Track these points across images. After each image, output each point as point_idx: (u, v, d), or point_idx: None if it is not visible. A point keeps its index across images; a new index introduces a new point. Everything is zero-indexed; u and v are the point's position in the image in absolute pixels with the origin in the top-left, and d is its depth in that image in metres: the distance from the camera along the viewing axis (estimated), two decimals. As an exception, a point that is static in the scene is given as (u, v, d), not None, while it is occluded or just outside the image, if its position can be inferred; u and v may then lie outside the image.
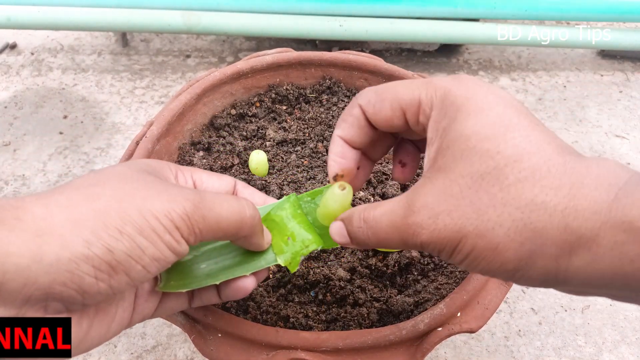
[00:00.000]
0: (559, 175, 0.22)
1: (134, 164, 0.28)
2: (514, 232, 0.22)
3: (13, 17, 0.86)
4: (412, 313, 0.38)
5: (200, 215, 0.26)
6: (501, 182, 0.23)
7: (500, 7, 0.87)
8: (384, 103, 0.28)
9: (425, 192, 0.25)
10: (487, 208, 0.23)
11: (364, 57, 0.57)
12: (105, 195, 0.24)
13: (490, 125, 0.24)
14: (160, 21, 0.87)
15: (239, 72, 0.55)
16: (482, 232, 0.23)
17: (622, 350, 0.57)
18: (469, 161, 0.24)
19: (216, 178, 0.34)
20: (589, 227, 0.21)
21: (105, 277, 0.23)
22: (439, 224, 0.24)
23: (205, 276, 0.31)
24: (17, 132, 0.83)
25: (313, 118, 0.55)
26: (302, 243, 0.33)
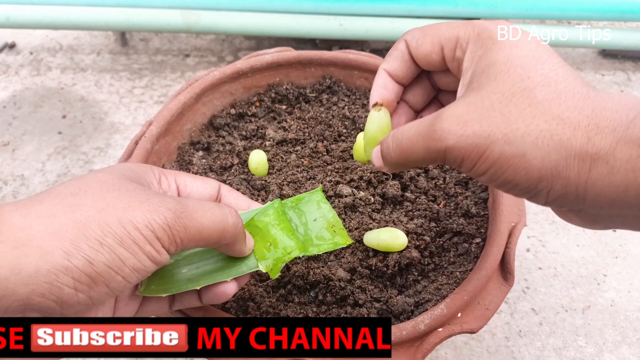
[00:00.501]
0: (583, 100, 0.24)
1: (117, 169, 0.28)
2: (542, 141, 0.24)
3: (12, 16, 0.86)
4: (413, 313, 0.38)
5: (182, 225, 0.26)
6: (530, 100, 0.25)
7: (501, 7, 0.87)
8: (426, 38, 0.30)
9: (456, 104, 0.26)
10: (516, 119, 0.24)
11: (364, 56, 0.56)
12: (86, 205, 0.24)
13: (523, 56, 0.26)
14: (160, 20, 0.87)
15: (238, 71, 0.54)
16: (510, 139, 0.24)
17: (623, 350, 0.56)
18: (501, 81, 0.25)
19: (200, 182, 0.34)
20: (608, 141, 0.23)
21: (84, 289, 0.23)
22: (467, 130, 0.25)
23: (186, 281, 0.31)
24: (16, 132, 0.82)
25: (313, 118, 0.55)
26: (284, 250, 0.33)
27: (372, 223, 0.45)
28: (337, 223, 0.36)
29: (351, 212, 0.46)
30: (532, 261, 0.65)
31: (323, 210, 0.37)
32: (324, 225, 0.36)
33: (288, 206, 0.36)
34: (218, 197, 0.35)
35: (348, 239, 0.36)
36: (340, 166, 0.50)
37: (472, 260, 0.41)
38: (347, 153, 0.51)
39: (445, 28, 0.30)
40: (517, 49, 0.26)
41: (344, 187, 0.47)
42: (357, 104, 0.56)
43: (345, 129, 0.54)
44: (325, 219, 0.36)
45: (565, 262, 0.65)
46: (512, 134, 0.24)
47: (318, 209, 0.37)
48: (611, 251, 0.67)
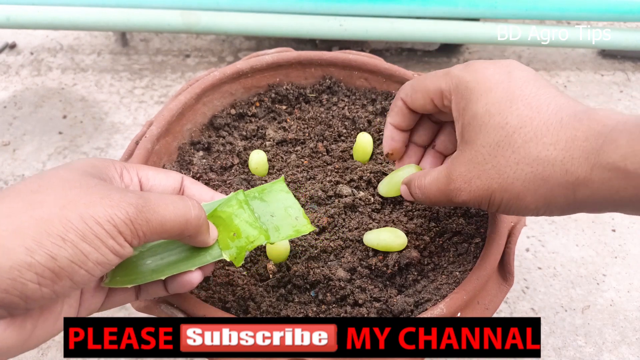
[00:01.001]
0: (556, 132, 0.28)
1: (78, 166, 0.28)
2: (529, 182, 0.29)
3: (12, 16, 0.86)
4: (412, 313, 0.38)
5: (144, 218, 0.26)
6: (512, 146, 0.30)
7: (501, 7, 0.87)
8: (417, 94, 0.36)
9: (459, 163, 0.32)
10: (505, 168, 0.30)
11: (364, 56, 0.56)
12: (47, 202, 0.24)
13: (498, 101, 0.31)
14: (160, 21, 0.87)
15: (238, 71, 0.54)
16: (504, 187, 0.30)
17: (623, 350, 0.57)
18: (486, 134, 0.31)
19: (163, 175, 0.34)
20: (584, 169, 0.27)
21: (48, 283, 0.23)
22: (472, 187, 0.32)
23: (151, 272, 0.31)
24: (17, 132, 0.83)
25: (313, 118, 0.55)
26: (247, 239, 0.34)
27: (371, 223, 0.45)
28: (299, 211, 0.37)
29: (351, 212, 0.46)
30: (532, 261, 0.65)
31: (285, 200, 0.38)
32: (287, 213, 0.37)
33: (251, 197, 0.37)
34: (181, 189, 0.35)
35: (310, 226, 0.37)
36: (340, 166, 0.50)
37: (471, 260, 0.41)
38: (347, 153, 0.52)
39: (430, 82, 0.35)
40: (492, 95, 0.31)
41: (344, 187, 0.47)
42: (357, 104, 0.56)
43: (345, 129, 0.54)
44: (288, 208, 0.37)
45: (565, 262, 0.65)
46: (505, 182, 0.30)
47: (280, 198, 0.38)
48: (611, 251, 0.67)
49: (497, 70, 0.32)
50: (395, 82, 0.56)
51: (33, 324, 0.26)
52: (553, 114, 0.29)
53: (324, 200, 0.47)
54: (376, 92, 0.57)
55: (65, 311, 0.28)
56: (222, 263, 0.42)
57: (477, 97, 0.31)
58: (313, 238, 0.44)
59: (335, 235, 0.44)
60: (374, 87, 0.57)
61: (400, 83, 0.55)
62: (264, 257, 0.43)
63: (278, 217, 0.37)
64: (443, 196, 0.34)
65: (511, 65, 0.32)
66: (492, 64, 0.33)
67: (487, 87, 0.31)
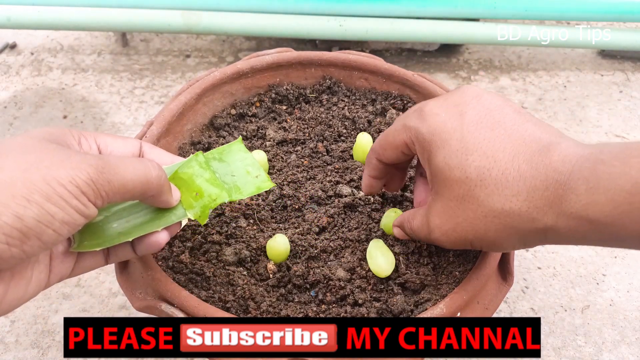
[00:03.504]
0: (516, 183, 0.29)
1: (35, 133, 0.29)
2: (501, 231, 0.30)
3: (13, 17, 0.86)
4: (412, 313, 0.38)
5: (105, 179, 0.27)
6: (477, 199, 0.30)
7: (501, 7, 0.87)
8: (386, 151, 0.37)
9: (435, 213, 0.34)
10: (475, 221, 0.31)
11: (364, 57, 0.57)
12: (8, 167, 0.25)
13: (454, 154, 0.31)
14: (160, 21, 0.87)
15: (239, 72, 0.54)
16: (480, 236, 0.31)
17: (622, 350, 0.57)
18: (450, 187, 0.32)
19: (121, 141, 0.35)
20: (550, 219, 0.28)
21: (17, 243, 0.24)
22: (450, 238, 0.33)
23: (117, 234, 0.32)
24: (17, 132, 0.83)
25: (313, 118, 0.55)
26: (210, 197, 0.35)
27: (371, 223, 0.45)
28: (259, 169, 0.38)
29: (351, 212, 0.46)
30: (531, 261, 0.65)
31: (244, 159, 0.39)
32: (247, 171, 0.38)
33: (210, 158, 0.38)
34: (140, 154, 0.36)
35: (270, 182, 0.38)
36: (340, 166, 0.50)
37: (471, 260, 0.41)
38: (347, 153, 0.52)
39: (393, 138, 0.36)
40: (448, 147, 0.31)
41: (344, 187, 0.47)
42: (357, 104, 0.57)
43: (345, 129, 0.54)
44: (247, 167, 0.38)
45: (565, 261, 0.65)
46: (479, 233, 0.31)
47: (240, 158, 0.39)
48: (610, 251, 0.67)
49: (448, 115, 0.32)
50: (395, 82, 0.56)
51: (5, 287, 0.26)
52: (510, 162, 0.29)
53: (324, 200, 0.47)
54: (376, 92, 0.57)
55: (36, 277, 0.28)
56: (222, 263, 0.43)
57: (435, 150, 0.32)
58: (313, 238, 0.44)
59: (335, 235, 0.44)
60: (374, 88, 0.57)
61: (400, 83, 0.55)
62: (264, 257, 0.43)
63: (239, 176, 0.38)
64: (430, 242, 0.36)
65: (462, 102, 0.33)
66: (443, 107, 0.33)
67: (443, 138, 0.32)
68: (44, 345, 0.56)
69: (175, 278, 0.40)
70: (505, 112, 0.32)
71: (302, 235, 0.44)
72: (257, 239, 0.44)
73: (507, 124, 0.31)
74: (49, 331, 0.57)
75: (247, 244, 0.44)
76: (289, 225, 0.46)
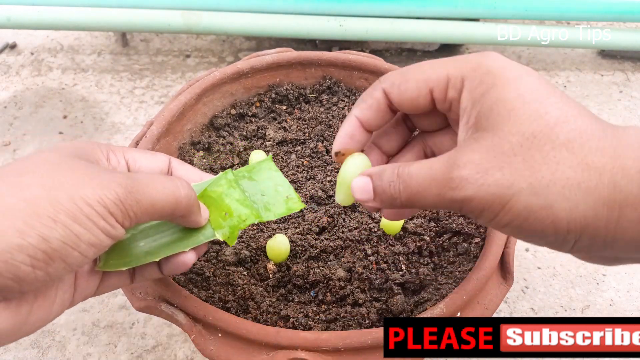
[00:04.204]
0: (602, 138, 0.23)
1: (63, 148, 0.28)
2: (569, 190, 0.22)
3: (13, 17, 0.86)
4: (412, 313, 0.38)
5: (134, 199, 0.26)
6: (553, 141, 0.23)
7: (500, 7, 0.87)
8: (409, 83, 0.28)
9: (472, 149, 0.24)
10: (540, 166, 0.23)
11: (364, 57, 0.57)
12: (35, 184, 0.24)
13: (532, 90, 0.24)
14: (160, 21, 0.87)
15: (239, 72, 0.54)
16: (536, 189, 0.22)
17: (622, 350, 0.57)
18: (518, 120, 0.23)
19: (150, 156, 0.34)
20: (636, 185, 0.22)
21: (41, 265, 0.23)
22: (488, 179, 0.23)
23: (144, 254, 0.31)
24: (17, 132, 0.83)
25: (313, 118, 0.55)
26: (239, 218, 0.34)
27: (371, 223, 0.45)
28: (289, 189, 0.37)
29: (351, 212, 0.46)
30: (532, 261, 0.65)
31: (275, 178, 0.38)
32: (277, 191, 0.37)
33: (240, 176, 0.37)
34: (169, 171, 0.35)
35: (301, 203, 0.37)
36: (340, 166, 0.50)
37: (471, 260, 0.41)
38: (347, 153, 0.52)
39: (430, 69, 0.27)
40: (523, 82, 0.25)
41: (344, 187, 0.47)
42: (357, 104, 0.57)
43: (345, 129, 0.54)
44: (277, 186, 0.37)
45: (565, 261, 0.65)
46: (538, 183, 0.22)
47: (270, 177, 0.38)
48: (610, 251, 0.67)
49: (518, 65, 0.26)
50: (395, 83, 0.56)
51: (28, 309, 0.25)
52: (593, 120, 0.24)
53: (324, 200, 0.47)
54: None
55: (60, 296, 0.27)
56: (222, 263, 0.43)
57: (505, 81, 0.25)
58: (313, 238, 0.44)
59: (335, 235, 0.44)
60: (374, 88, 0.57)
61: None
62: (264, 257, 0.43)
63: (268, 196, 0.37)
64: (434, 187, 0.25)
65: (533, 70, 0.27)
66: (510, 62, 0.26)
67: (516, 74, 0.25)
68: (44, 345, 0.56)
69: (175, 278, 0.40)
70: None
71: (302, 235, 0.44)
72: (257, 239, 0.44)
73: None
74: (49, 331, 0.57)
75: (247, 243, 0.44)
76: (289, 225, 0.46)
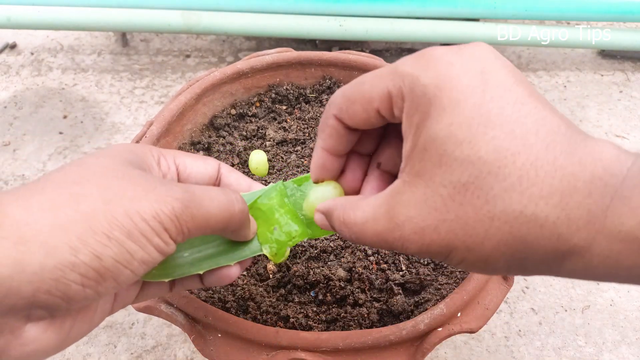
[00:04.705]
0: (549, 180, 0.20)
1: (117, 153, 0.27)
2: (504, 245, 0.21)
3: (13, 17, 0.86)
4: (412, 313, 0.38)
5: (190, 214, 0.25)
6: (486, 193, 0.21)
7: (501, 7, 0.87)
8: (355, 106, 0.26)
9: (407, 203, 0.23)
10: (474, 223, 0.21)
11: (364, 57, 0.57)
12: (91, 195, 0.23)
13: (468, 123, 0.21)
14: (160, 21, 0.87)
15: (239, 72, 0.54)
16: (470, 246, 0.22)
17: (623, 350, 0.57)
18: (448, 168, 0.22)
19: (201, 162, 0.33)
20: (583, 237, 0.20)
21: (92, 284, 0.22)
22: (425, 240, 0.23)
23: (188, 265, 0.30)
24: (17, 132, 0.83)
25: (313, 118, 0.55)
26: (289, 234, 0.33)
27: (372, 223, 0.45)
28: None
29: (351, 212, 0.46)
30: (532, 261, 0.65)
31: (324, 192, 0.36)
32: None
33: (290, 187, 0.35)
34: (218, 177, 0.34)
35: None
36: (340, 166, 0.50)
37: (471, 260, 0.41)
38: (347, 153, 0.52)
39: (371, 87, 0.25)
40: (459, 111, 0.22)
41: (344, 187, 0.47)
42: (357, 104, 0.57)
43: (345, 130, 0.54)
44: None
45: (565, 262, 0.65)
46: (471, 241, 0.22)
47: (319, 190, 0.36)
48: (611, 251, 0.67)
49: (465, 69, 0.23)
50: (395, 83, 0.56)
51: (71, 323, 0.24)
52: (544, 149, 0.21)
53: (324, 200, 0.47)
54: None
55: (101, 307, 0.27)
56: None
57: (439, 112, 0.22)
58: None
59: (335, 235, 0.44)
60: (374, 88, 0.57)
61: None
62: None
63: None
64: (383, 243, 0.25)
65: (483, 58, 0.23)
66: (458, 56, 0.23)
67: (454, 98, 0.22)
68: (43, 345, 0.56)
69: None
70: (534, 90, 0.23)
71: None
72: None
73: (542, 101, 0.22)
74: (49, 331, 0.57)
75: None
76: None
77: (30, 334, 0.22)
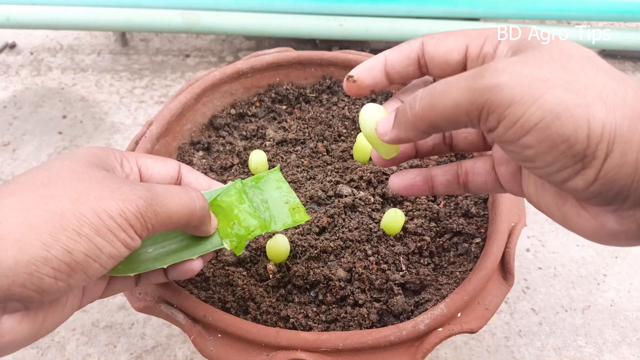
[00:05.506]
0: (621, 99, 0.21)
1: (81, 156, 0.29)
2: (606, 95, 0.21)
3: (12, 16, 0.86)
4: (412, 313, 0.38)
5: (153, 211, 0.27)
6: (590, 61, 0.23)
7: (501, 7, 0.87)
8: (449, 37, 0.28)
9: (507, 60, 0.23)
10: (578, 72, 0.22)
11: (364, 56, 0.56)
12: (59, 196, 0.25)
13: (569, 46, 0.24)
14: (160, 21, 0.87)
15: (238, 71, 0.54)
16: (573, 87, 0.21)
17: (623, 350, 0.56)
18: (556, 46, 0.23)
19: (161, 163, 0.35)
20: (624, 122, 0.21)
21: (64, 277, 0.24)
22: (524, 71, 0.22)
23: (152, 260, 0.32)
24: (17, 132, 0.82)
25: (313, 118, 0.55)
26: (247, 229, 0.35)
27: (372, 223, 0.45)
28: (295, 201, 0.38)
29: (351, 212, 0.46)
30: (532, 261, 0.65)
31: (282, 189, 0.39)
32: (283, 203, 0.38)
33: (249, 186, 0.38)
34: (179, 177, 0.36)
35: (306, 215, 0.37)
36: (340, 166, 0.50)
37: (472, 260, 0.41)
38: (347, 153, 0.51)
39: (472, 30, 0.28)
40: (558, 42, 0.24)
41: (344, 187, 0.47)
42: (357, 104, 0.56)
43: (345, 129, 0.54)
44: (284, 196, 0.38)
45: (565, 262, 0.65)
46: (575, 84, 0.21)
47: (277, 187, 0.39)
48: (611, 251, 0.67)
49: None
50: (395, 82, 0.56)
51: (44, 315, 0.26)
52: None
53: (324, 200, 0.47)
54: (376, 92, 0.57)
55: (71, 301, 0.28)
56: (222, 263, 0.42)
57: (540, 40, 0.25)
58: (313, 238, 0.44)
59: (335, 235, 0.44)
60: (374, 87, 0.57)
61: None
62: (264, 257, 0.43)
63: (275, 207, 0.38)
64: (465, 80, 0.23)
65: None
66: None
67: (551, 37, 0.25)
68: (43, 345, 0.56)
69: (175, 278, 0.40)
70: None
71: (302, 236, 0.44)
72: (256, 239, 0.44)
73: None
74: (48, 331, 0.57)
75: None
76: (288, 226, 0.46)
77: (6, 325, 0.24)
